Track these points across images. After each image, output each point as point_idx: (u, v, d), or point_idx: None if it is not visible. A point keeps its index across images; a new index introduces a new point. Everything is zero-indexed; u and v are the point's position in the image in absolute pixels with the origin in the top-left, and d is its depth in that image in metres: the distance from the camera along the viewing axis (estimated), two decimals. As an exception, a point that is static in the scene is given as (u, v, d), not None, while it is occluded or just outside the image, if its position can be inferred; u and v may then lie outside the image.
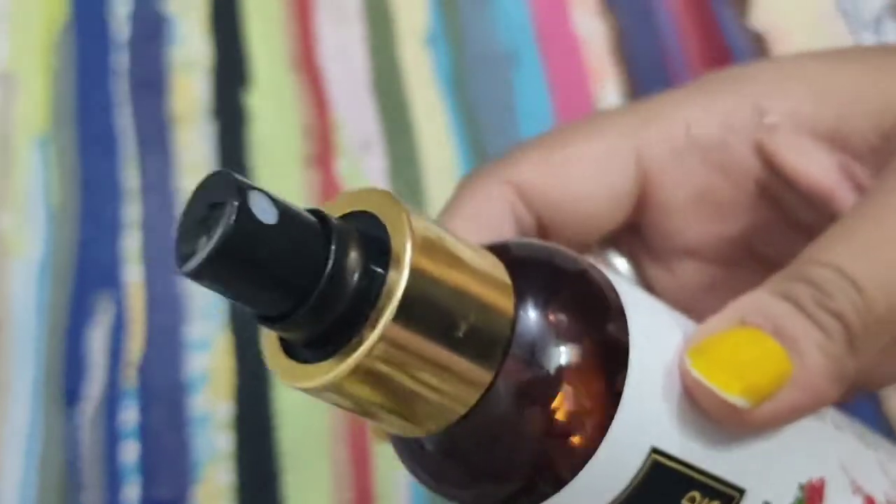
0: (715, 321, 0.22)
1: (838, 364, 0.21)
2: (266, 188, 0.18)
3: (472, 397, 0.19)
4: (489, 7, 0.56)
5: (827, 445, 0.24)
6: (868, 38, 0.53)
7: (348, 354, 0.18)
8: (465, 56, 0.54)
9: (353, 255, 0.18)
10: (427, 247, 0.18)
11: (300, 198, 0.50)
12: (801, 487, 0.22)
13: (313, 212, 0.19)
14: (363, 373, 0.18)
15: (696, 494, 0.20)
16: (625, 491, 0.20)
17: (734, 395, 0.20)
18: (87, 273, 0.49)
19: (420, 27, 0.56)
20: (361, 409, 0.19)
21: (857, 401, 0.45)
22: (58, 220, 0.51)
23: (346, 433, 0.45)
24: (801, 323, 0.21)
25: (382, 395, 0.18)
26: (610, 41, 0.55)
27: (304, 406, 0.46)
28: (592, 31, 0.55)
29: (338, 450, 0.45)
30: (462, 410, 0.19)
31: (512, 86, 0.54)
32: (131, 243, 0.50)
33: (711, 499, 0.21)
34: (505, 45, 0.55)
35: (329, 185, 0.51)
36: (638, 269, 0.27)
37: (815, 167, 0.26)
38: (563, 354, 0.19)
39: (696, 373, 0.20)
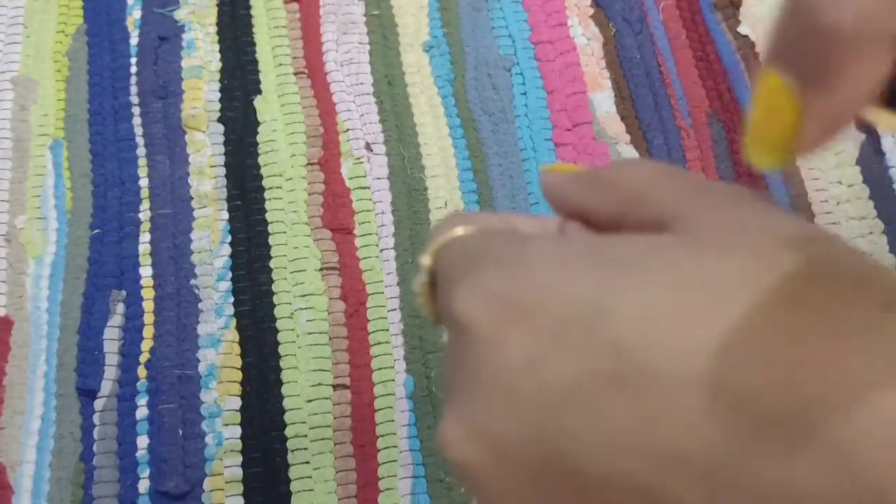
0: None
1: None
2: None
3: None
4: (488, 16, 0.56)
5: None
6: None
7: None
8: (464, 62, 0.55)
9: None
10: None
11: (305, 199, 0.51)
12: None
13: None
14: None
15: None
16: None
17: None
18: (99, 273, 0.50)
19: (421, 35, 0.56)
20: None
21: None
22: (71, 221, 0.51)
23: (350, 428, 0.46)
24: None
25: None
26: (605, 48, 0.55)
27: (309, 402, 0.46)
28: (588, 38, 0.56)
29: (342, 444, 0.46)
30: None
31: (510, 91, 0.54)
32: (142, 244, 0.50)
33: None
34: (503, 51, 0.55)
35: (334, 187, 0.51)
36: None
37: None
38: None
39: None
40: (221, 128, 0.53)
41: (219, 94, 0.54)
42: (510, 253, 0.20)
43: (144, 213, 0.51)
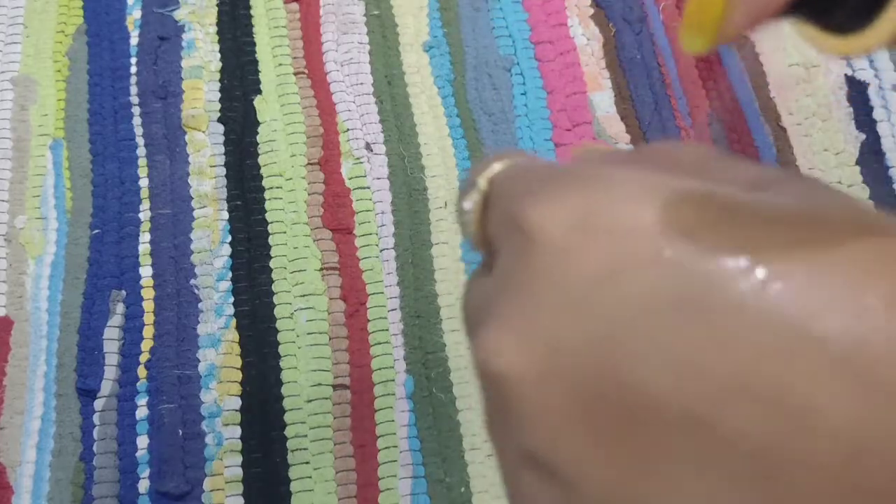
0: None
1: None
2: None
3: None
4: (488, 16, 0.56)
5: None
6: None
7: None
8: (464, 62, 0.55)
9: None
10: None
11: (306, 199, 0.51)
12: None
13: None
14: None
15: None
16: None
17: None
18: (99, 273, 0.50)
19: (421, 35, 0.56)
20: None
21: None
22: (71, 221, 0.51)
23: (349, 428, 0.46)
24: None
25: None
26: (605, 48, 0.55)
27: (309, 402, 0.47)
28: (588, 38, 0.56)
29: (342, 444, 0.46)
30: None
31: (510, 91, 0.54)
32: (142, 244, 0.50)
33: None
34: (503, 51, 0.55)
35: (334, 187, 0.51)
36: None
37: None
38: None
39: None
40: (221, 128, 0.53)
41: (219, 94, 0.54)
42: (591, 174, 0.20)
43: (144, 213, 0.51)
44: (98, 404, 0.47)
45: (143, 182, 0.52)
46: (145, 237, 0.50)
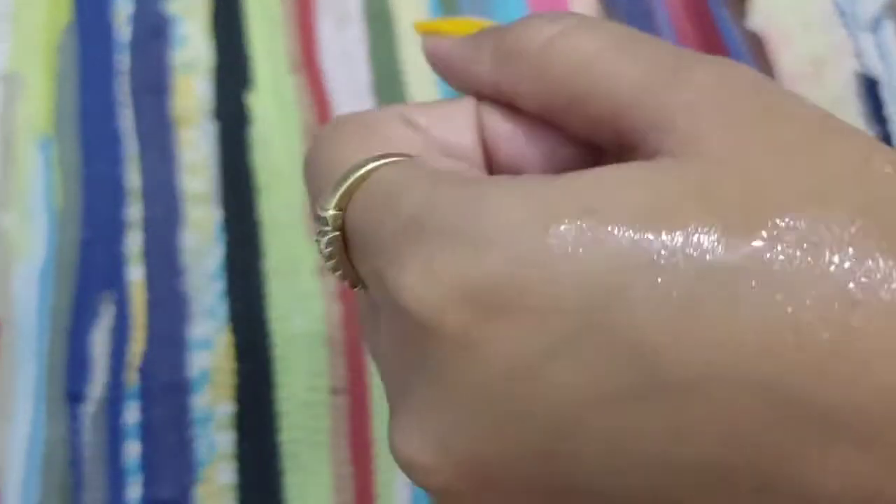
0: None
1: None
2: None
3: None
4: (489, 7, 0.56)
5: None
6: (866, 39, 0.53)
7: None
8: None
9: None
10: None
11: (300, 198, 0.50)
12: None
13: None
14: None
15: None
16: None
17: None
18: (89, 274, 0.49)
19: (420, 28, 0.56)
20: None
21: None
22: (60, 220, 0.51)
23: (346, 434, 0.45)
24: None
25: None
26: None
27: (304, 407, 0.46)
28: None
29: (338, 450, 0.45)
30: None
31: None
32: (133, 244, 0.50)
33: None
34: None
35: (330, 186, 0.51)
36: None
37: None
38: None
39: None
40: (214, 124, 0.53)
41: (212, 90, 0.54)
42: (462, 212, 0.16)
43: (135, 213, 0.50)
44: (88, 409, 0.46)
45: (135, 180, 0.51)
46: (136, 237, 0.50)
